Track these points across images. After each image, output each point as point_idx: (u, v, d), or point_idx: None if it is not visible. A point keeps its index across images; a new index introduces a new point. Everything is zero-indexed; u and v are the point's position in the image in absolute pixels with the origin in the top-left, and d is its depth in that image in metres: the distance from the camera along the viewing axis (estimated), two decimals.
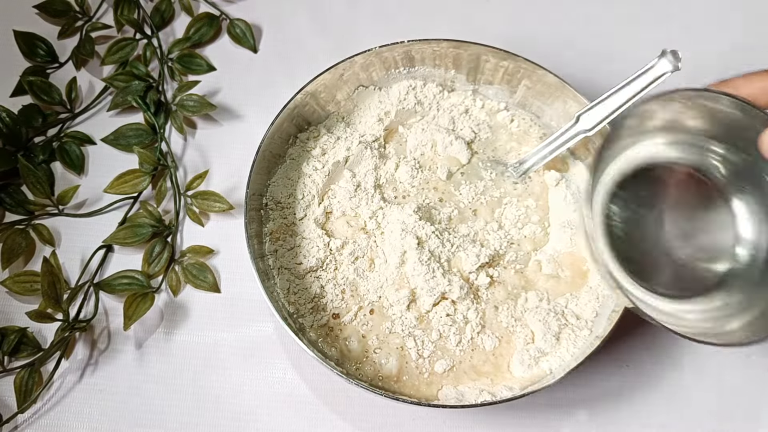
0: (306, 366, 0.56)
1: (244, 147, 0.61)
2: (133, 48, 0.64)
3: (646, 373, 0.56)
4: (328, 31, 0.67)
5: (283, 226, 0.56)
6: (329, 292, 0.55)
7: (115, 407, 0.55)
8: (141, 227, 0.58)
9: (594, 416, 0.55)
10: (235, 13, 0.67)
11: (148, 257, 0.58)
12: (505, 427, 0.55)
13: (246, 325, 0.57)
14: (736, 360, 0.57)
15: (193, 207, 0.60)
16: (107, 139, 0.62)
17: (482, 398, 0.51)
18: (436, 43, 0.57)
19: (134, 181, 0.59)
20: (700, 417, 0.55)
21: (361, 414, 0.55)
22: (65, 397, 0.55)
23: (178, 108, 0.62)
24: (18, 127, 0.60)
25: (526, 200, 0.58)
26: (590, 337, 0.52)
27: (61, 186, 0.60)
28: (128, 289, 0.56)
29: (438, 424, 0.55)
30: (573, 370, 0.48)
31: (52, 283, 0.53)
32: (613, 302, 0.52)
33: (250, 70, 0.65)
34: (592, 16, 0.68)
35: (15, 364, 0.54)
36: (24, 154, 0.60)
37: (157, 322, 0.57)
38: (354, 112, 0.60)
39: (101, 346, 0.56)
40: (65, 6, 0.66)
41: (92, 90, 0.65)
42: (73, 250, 0.59)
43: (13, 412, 0.53)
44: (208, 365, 0.56)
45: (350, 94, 0.60)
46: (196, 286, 0.58)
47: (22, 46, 0.64)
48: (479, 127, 0.60)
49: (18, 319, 0.56)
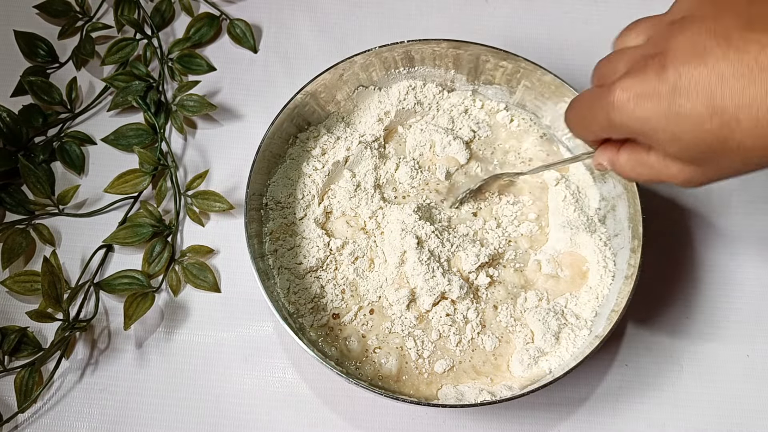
0: (306, 365, 0.56)
1: (244, 147, 0.62)
2: (133, 48, 0.64)
3: (645, 372, 0.56)
4: (328, 31, 0.67)
5: (283, 226, 0.56)
6: (329, 292, 0.55)
7: (116, 407, 0.55)
8: (141, 227, 0.58)
9: (593, 416, 0.55)
10: (235, 14, 0.67)
11: (149, 257, 0.58)
12: (504, 426, 0.55)
13: (246, 325, 0.57)
14: (735, 359, 0.57)
15: (194, 207, 0.60)
16: (107, 139, 0.62)
17: (482, 398, 0.51)
18: (436, 43, 0.57)
19: (134, 181, 0.59)
20: (700, 416, 0.55)
21: (361, 413, 0.55)
22: (65, 396, 0.55)
23: (179, 108, 0.62)
24: (18, 127, 0.60)
25: (523, 196, 0.59)
26: (590, 337, 0.53)
27: (62, 186, 0.61)
28: (128, 289, 0.56)
29: (438, 423, 0.55)
30: (572, 369, 0.48)
31: (52, 282, 0.53)
32: (613, 302, 0.52)
33: (250, 70, 0.65)
34: (592, 16, 0.68)
35: (15, 364, 0.54)
36: (24, 154, 0.60)
37: (157, 322, 0.57)
38: (354, 112, 0.60)
39: (101, 345, 0.57)
40: (65, 6, 0.66)
41: (92, 90, 0.65)
42: (74, 249, 0.59)
43: (14, 411, 0.53)
44: (209, 365, 0.56)
45: (350, 94, 0.60)
46: (197, 286, 0.58)
47: (22, 46, 0.64)
48: (478, 125, 0.60)
49: (18, 319, 0.56)
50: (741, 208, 0.61)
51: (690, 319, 0.58)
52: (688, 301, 0.58)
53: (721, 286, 0.59)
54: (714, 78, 0.33)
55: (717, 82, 0.33)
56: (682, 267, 0.59)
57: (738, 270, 0.59)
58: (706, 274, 0.59)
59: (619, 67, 0.38)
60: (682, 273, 0.59)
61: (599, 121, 0.38)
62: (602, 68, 0.40)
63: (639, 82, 0.35)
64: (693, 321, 0.58)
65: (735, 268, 0.59)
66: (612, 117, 0.37)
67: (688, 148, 0.36)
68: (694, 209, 0.61)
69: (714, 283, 0.59)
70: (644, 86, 0.35)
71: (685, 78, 0.34)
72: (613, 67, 0.39)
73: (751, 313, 0.58)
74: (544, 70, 0.56)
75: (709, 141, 0.35)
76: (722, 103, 0.33)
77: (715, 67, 0.33)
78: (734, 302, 0.58)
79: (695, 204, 0.61)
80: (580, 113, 0.41)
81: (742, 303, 0.58)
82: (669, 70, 0.34)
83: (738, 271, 0.59)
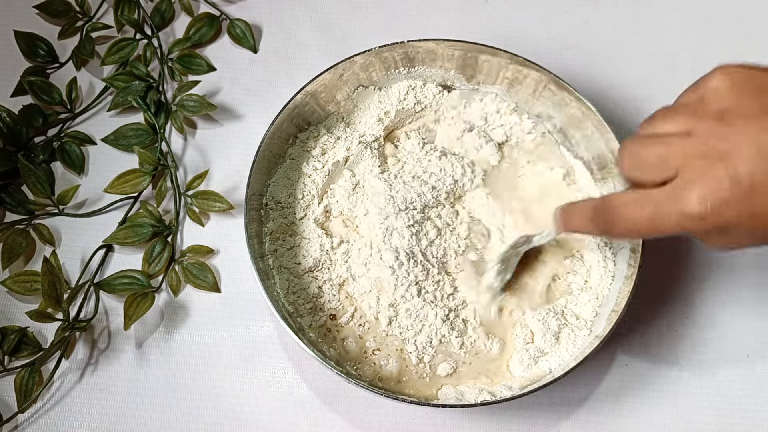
0: (306, 365, 0.56)
1: (244, 147, 0.62)
2: (133, 48, 0.64)
3: (645, 372, 0.56)
4: (328, 31, 0.67)
5: (283, 226, 0.56)
6: (326, 292, 0.55)
7: (116, 406, 0.55)
8: (141, 227, 0.58)
9: (593, 415, 0.55)
10: (235, 14, 0.67)
11: (149, 257, 0.58)
12: (504, 426, 0.55)
13: (246, 325, 0.57)
14: (735, 359, 0.57)
15: (193, 207, 0.60)
16: (107, 139, 0.62)
17: (482, 398, 0.51)
18: (436, 43, 0.57)
19: (134, 181, 0.59)
20: (699, 416, 0.55)
21: (361, 413, 0.55)
22: (65, 396, 0.55)
23: (179, 108, 0.62)
24: (18, 127, 0.60)
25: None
26: (590, 337, 0.53)
27: (62, 186, 0.61)
28: (128, 289, 0.56)
29: (438, 423, 0.55)
30: (572, 369, 0.48)
31: (52, 282, 0.53)
32: (613, 302, 0.52)
33: (250, 70, 0.65)
34: (592, 16, 0.68)
35: (15, 364, 0.54)
36: (24, 154, 0.60)
37: (157, 322, 0.57)
38: (354, 112, 0.60)
39: (101, 345, 0.57)
40: (65, 6, 0.66)
41: (92, 90, 0.65)
42: (74, 249, 0.59)
43: (14, 411, 0.53)
44: (209, 364, 0.56)
45: (350, 94, 0.60)
46: (196, 286, 0.58)
47: (22, 46, 0.64)
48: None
49: (18, 319, 0.56)
50: None
51: (690, 320, 0.58)
52: (688, 301, 0.58)
53: (721, 286, 0.59)
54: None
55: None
56: (682, 267, 0.59)
57: (738, 270, 0.59)
58: (706, 274, 0.59)
59: (670, 162, 0.39)
60: (682, 273, 0.59)
61: (671, 222, 0.39)
62: (641, 154, 0.40)
63: (713, 191, 0.37)
64: (693, 321, 0.58)
65: (735, 269, 0.59)
66: (686, 224, 0.38)
67: (762, 236, 0.39)
68: None
69: (714, 283, 0.59)
70: (721, 194, 0.37)
71: (758, 177, 0.36)
72: (655, 153, 0.40)
73: (751, 314, 0.58)
74: (545, 71, 0.55)
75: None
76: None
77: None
78: (734, 303, 0.58)
79: None
80: (644, 213, 0.40)
81: (742, 303, 0.58)
82: (741, 173, 0.36)
83: (738, 271, 0.59)
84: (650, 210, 0.40)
